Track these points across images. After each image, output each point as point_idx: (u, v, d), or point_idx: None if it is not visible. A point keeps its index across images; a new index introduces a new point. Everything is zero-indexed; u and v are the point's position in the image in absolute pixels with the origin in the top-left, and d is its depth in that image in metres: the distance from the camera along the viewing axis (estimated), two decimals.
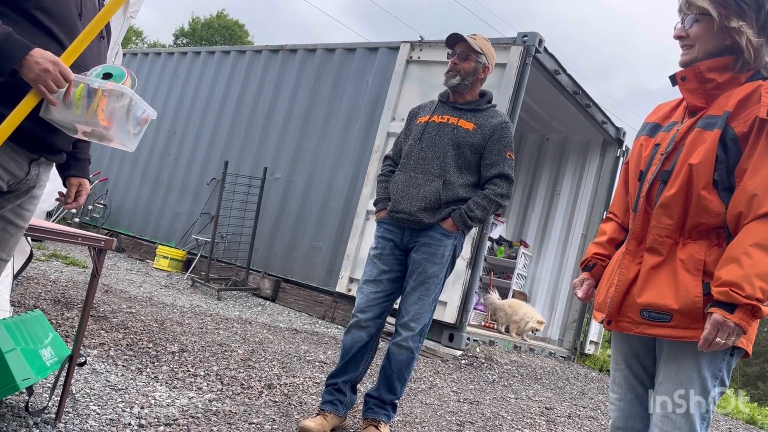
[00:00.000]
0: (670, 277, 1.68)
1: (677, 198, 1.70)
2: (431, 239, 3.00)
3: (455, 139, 3.02)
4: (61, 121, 1.63)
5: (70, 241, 2.32)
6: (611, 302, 1.79)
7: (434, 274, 3.00)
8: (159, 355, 3.73)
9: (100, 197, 9.79)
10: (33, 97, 1.57)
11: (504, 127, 3.07)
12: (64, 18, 1.70)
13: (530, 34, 6.15)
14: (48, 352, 2.36)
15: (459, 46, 3.12)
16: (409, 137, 3.19)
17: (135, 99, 1.68)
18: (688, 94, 1.78)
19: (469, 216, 2.99)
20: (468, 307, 5.96)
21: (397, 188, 3.09)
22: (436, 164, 3.02)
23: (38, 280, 5.27)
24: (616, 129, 8.60)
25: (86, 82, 1.61)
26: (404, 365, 3.02)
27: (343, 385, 3.06)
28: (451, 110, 3.11)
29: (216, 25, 37.34)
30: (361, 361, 3.10)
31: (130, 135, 1.72)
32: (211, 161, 8.71)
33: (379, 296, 3.06)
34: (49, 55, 1.55)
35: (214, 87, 9.13)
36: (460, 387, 4.80)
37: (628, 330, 1.76)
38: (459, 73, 3.07)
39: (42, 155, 1.77)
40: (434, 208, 2.99)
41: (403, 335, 2.99)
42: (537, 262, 9.27)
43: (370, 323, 3.06)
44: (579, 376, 6.79)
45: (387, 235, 3.12)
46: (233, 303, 6.64)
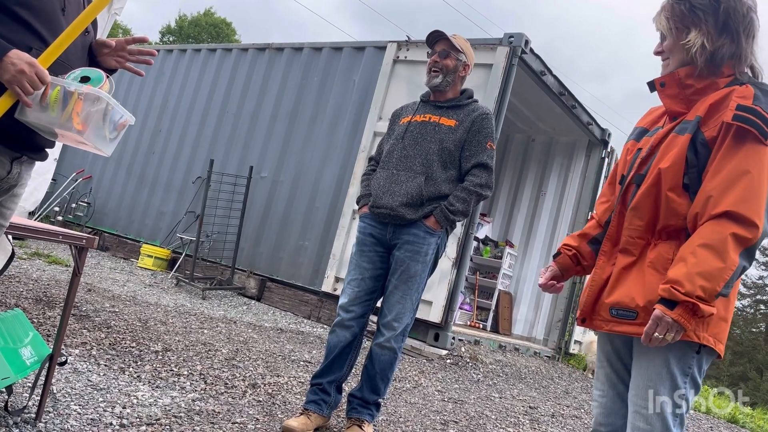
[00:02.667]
0: (639, 277, 1.73)
1: (647, 200, 1.74)
2: (415, 237, 2.98)
3: (437, 136, 3.03)
4: (36, 123, 1.61)
5: (51, 239, 2.30)
6: (585, 301, 1.85)
7: (417, 273, 2.99)
8: (142, 354, 3.71)
9: (83, 195, 9.70)
10: (8, 98, 1.55)
11: (484, 118, 3.07)
12: (46, 13, 1.68)
13: (516, 35, 6.18)
14: (28, 351, 2.33)
15: (439, 45, 3.13)
16: (391, 137, 3.20)
17: (112, 103, 1.66)
18: (668, 99, 1.82)
19: (450, 210, 2.98)
20: (453, 306, 5.97)
21: (378, 184, 3.09)
22: (419, 161, 3.02)
23: (20, 278, 5.21)
24: (602, 130, 8.66)
25: (63, 84, 1.59)
26: (387, 365, 3.02)
27: (327, 385, 3.05)
28: (433, 109, 3.13)
29: (203, 23, 37.15)
30: (345, 361, 3.09)
31: (105, 140, 1.70)
32: (197, 160, 8.66)
33: (362, 294, 3.06)
34: (25, 57, 1.53)
35: (199, 85, 9.08)
36: (444, 386, 4.81)
37: (600, 328, 1.82)
38: (441, 72, 3.08)
39: (24, 154, 1.75)
40: (416, 204, 2.98)
41: (386, 335, 2.99)
42: (522, 262, 9.31)
43: (354, 322, 3.06)
44: (563, 376, 6.83)
45: (368, 230, 3.11)
46: (218, 302, 6.60)
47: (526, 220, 9.50)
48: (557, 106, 7.76)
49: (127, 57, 1.91)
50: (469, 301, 8.84)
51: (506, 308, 8.92)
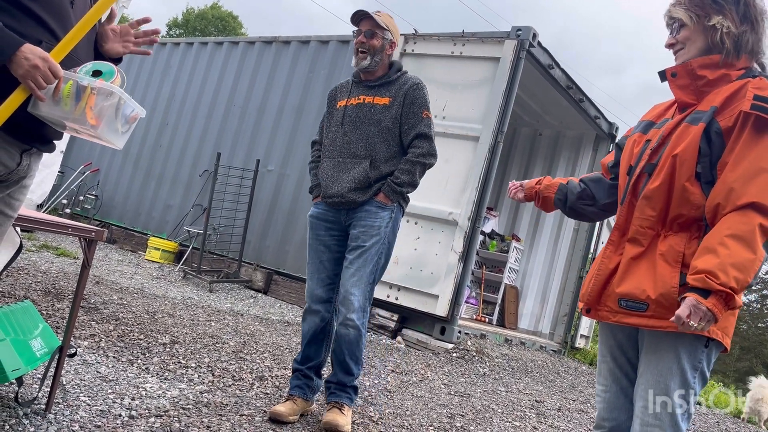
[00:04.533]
0: (650, 268, 1.72)
1: (661, 189, 1.74)
2: (366, 213, 3.01)
3: (374, 117, 3.04)
4: (49, 116, 1.62)
5: (60, 231, 2.31)
6: (590, 291, 1.84)
7: (371, 246, 2.98)
8: (150, 346, 3.73)
9: (91, 188, 9.74)
10: (22, 92, 1.56)
11: (416, 88, 3.07)
12: (56, 7, 1.68)
13: (524, 28, 6.15)
14: (38, 343, 2.35)
15: (364, 24, 3.10)
16: (331, 122, 3.20)
17: (124, 98, 1.67)
18: (678, 90, 1.83)
19: (396, 183, 3.00)
20: (459, 300, 5.98)
21: (326, 174, 3.10)
22: (361, 146, 3.04)
23: (29, 270, 5.24)
24: (609, 124, 8.62)
25: (75, 79, 1.60)
26: (354, 343, 2.99)
27: (308, 371, 3.09)
28: (365, 89, 3.13)
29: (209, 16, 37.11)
30: (321, 346, 3.12)
31: (118, 133, 1.72)
32: (204, 153, 8.67)
33: (324, 278, 3.08)
34: (38, 51, 1.54)
35: (206, 78, 9.08)
36: (451, 380, 4.82)
37: (606, 318, 1.81)
38: (368, 52, 3.07)
39: (33, 146, 1.76)
40: (364, 187, 3.01)
41: (344, 312, 2.97)
42: (529, 256, 9.30)
43: (320, 306, 3.08)
44: (569, 370, 6.83)
45: (321, 215, 3.12)
46: (225, 295, 6.63)
47: (532, 215, 9.48)
48: (564, 100, 7.73)
49: (132, 41, 1.91)
50: (475, 295, 8.84)
51: (512, 302, 8.92)
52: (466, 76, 6.28)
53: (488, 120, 6.03)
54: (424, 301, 5.99)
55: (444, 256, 5.95)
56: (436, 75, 6.41)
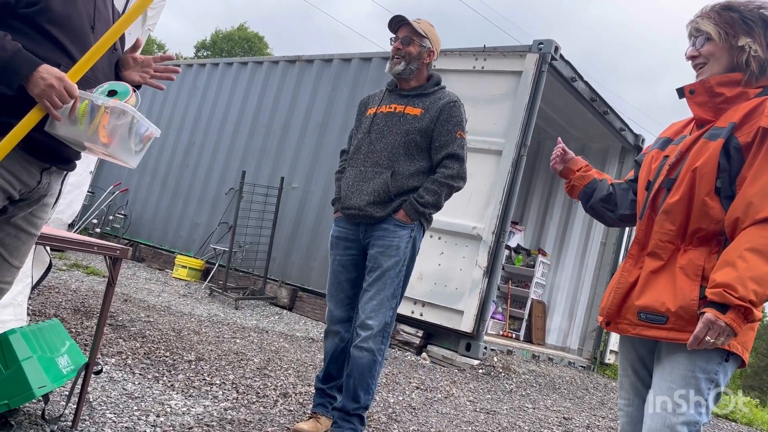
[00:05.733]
0: (669, 282, 1.73)
1: (680, 204, 1.75)
2: (385, 232, 2.89)
3: (403, 127, 2.91)
4: (66, 136, 1.65)
5: (86, 250, 2.36)
6: (610, 304, 1.84)
7: (390, 267, 2.86)
8: (175, 363, 3.76)
9: (120, 208, 9.92)
10: (38, 112, 1.60)
11: (452, 106, 2.94)
12: (76, 31, 1.72)
13: (546, 42, 6.13)
14: (65, 360, 2.39)
15: (402, 31, 3.00)
16: (359, 130, 3.09)
17: (137, 117, 1.69)
18: (697, 107, 1.84)
19: (419, 203, 2.86)
20: (485, 316, 5.92)
21: (347, 184, 3.00)
22: (385, 155, 2.91)
23: (59, 289, 5.35)
24: (635, 136, 8.52)
25: (90, 98, 1.63)
26: (366, 369, 2.83)
27: (329, 390, 3.04)
28: (398, 98, 3.01)
29: (236, 37, 37.82)
30: (343, 366, 3.03)
31: (131, 152, 1.74)
32: (229, 171, 8.79)
33: (342, 298, 3.01)
34: (55, 71, 1.58)
35: (232, 98, 9.23)
36: (476, 396, 4.76)
37: (626, 331, 1.81)
38: (403, 59, 2.96)
39: (53, 164, 1.81)
40: (384, 201, 2.88)
41: (362, 335, 2.83)
42: (556, 271, 9.19)
43: (339, 327, 3.01)
44: (599, 386, 6.70)
45: (341, 233, 3.03)
46: (251, 312, 6.67)
47: (558, 228, 9.38)
48: (589, 112, 7.67)
49: (151, 73, 1.96)
50: (502, 310, 8.75)
51: (539, 317, 8.80)
52: (488, 90, 6.28)
53: (511, 134, 6.01)
54: (449, 317, 5.95)
55: (468, 271, 5.91)
56: (458, 90, 6.35)
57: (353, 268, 3.01)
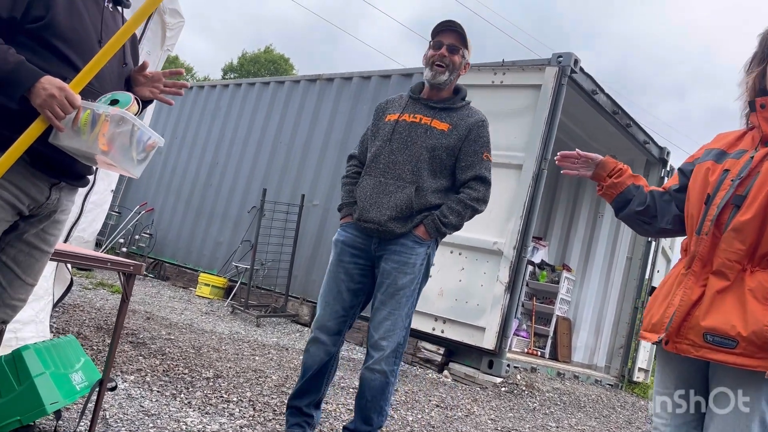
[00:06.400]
0: (737, 304, 1.65)
1: (752, 223, 1.67)
2: (402, 247, 2.76)
3: (429, 141, 2.78)
4: (69, 147, 1.65)
5: (99, 266, 2.38)
6: (672, 323, 1.74)
7: (405, 285, 2.75)
8: (194, 380, 3.76)
9: (146, 227, 10.07)
10: (41, 123, 1.61)
11: (481, 125, 2.84)
12: (82, 45, 1.75)
13: (565, 55, 6.09)
14: (79, 377, 2.40)
15: (448, 37, 2.85)
16: (377, 136, 2.92)
17: (137, 124, 1.68)
18: (765, 122, 1.79)
19: (442, 222, 2.77)
20: (507, 332, 5.83)
21: (365, 194, 2.82)
22: (408, 169, 2.77)
23: (83, 307, 5.42)
24: (660, 148, 8.39)
25: (92, 108, 1.64)
26: (378, 392, 2.72)
27: (307, 408, 2.87)
28: (424, 108, 2.86)
29: (262, 59, 38.46)
30: (322, 381, 2.89)
31: (133, 161, 1.73)
32: (252, 190, 8.87)
33: (338, 309, 2.83)
34: (56, 82, 1.59)
35: (254, 117, 9.34)
36: (498, 415, 4.67)
37: (687, 352, 1.71)
38: (447, 68, 2.81)
39: (62, 180, 1.82)
40: (406, 217, 2.76)
41: (375, 357, 2.71)
42: (581, 287, 9.04)
43: (328, 339, 2.83)
44: (626, 405, 6.53)
45: (350, 241, 2.86)
46: (272, 329, 6.67)
47: (583, 243, 9.24)
48: (611, 125, 7.58)
49: (160, 88, 1.97)
50: (526, 327, 8.62)
51: (565, 334, 8.65)
52: (507, 104, 6.25)
53: (531, 148, 5.95)
54: (470, 334, 5.87)
55: (489, 287, 5.84)
56: (477, 104, 6.34)
57: (358, 277, 2.86)
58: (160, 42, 3.97)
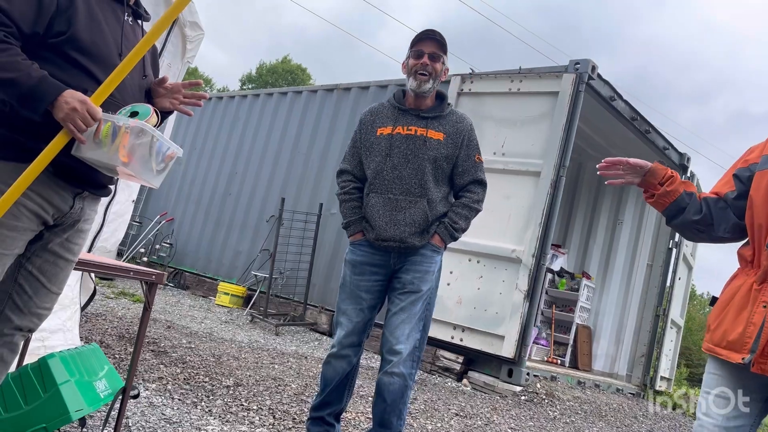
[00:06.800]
0: None
1: None
2: (422, 257, 2.84)
3: (429, 153, 2.83)
4: (92, 158, 1.69)
5: (122, 275, 2.42)
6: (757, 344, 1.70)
7: (424, 293, 2.83)
8: (214, 389, 3.79)
9: (166, 237, 10.18)
10: (64, 136, 1.64)
11: (471, 130, 2.94)
12: (103, 59, 1.78)
13: (582, 61, 6.07)
14: (102, 384, 2.44)
15: (428, 46, 2.88)
16: (372, 151, 2.93)
17: (156, 136, 1.72)
18: None
19: (454, 228, 2.86)
20: (527, 341, 5.80)
21: (377, 213, 2.85)
22: (415, 182, 2.82)
23: (106, 316, 5.49)
24: (679, 155, 8.30)
25: (113, 120, 1.68)
26: (398, 395, 2.73)
27: (328, 417, 2.92)
28: (416, 119, 2.89)
29: (280, 69, 38.79)
30: (344, 392, 2.94)
31: (153, 172, 1.76)
32: (270, 199, 8.93)
33: (360, 325, 2.88)
34: (78, 95, 1.63)
35: (272, 127, 9.42)
36: (518, 424, 4.64)
37: None
38: (431, 76, 2.85)
39: (85, 189, 1.86)
40: (422, 230, 2.83)
41: (393, 360, 2.73)
42: (601, 294, 8.96)
43: (350, 352, 2.88)
44: (648, 414, 6.45)
45: (367, 259, 2.89)
46: (291, 338, 6.70)
47: (602, 251, 9.17)
48: (630, 132, 7.52)
49: (180, 99, 2.01)
50: (546, 335, 8.56)
51: (585, 343, 8.56)
52: (524, 111, 6.24)
53: (549, 155, 5.94)
54: (489, 342, 5.84)
55: (508, 295, 5.82)
56: (495, 112, 6.40)
57: (377, 294, 2.91)
58: (180, 54, 4.03)
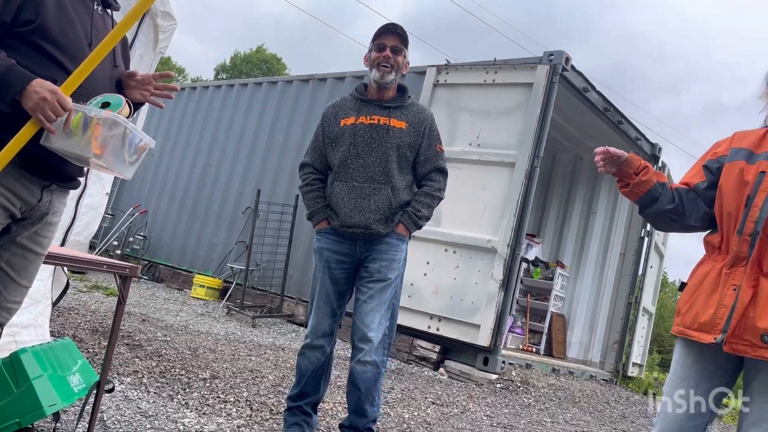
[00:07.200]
0: None
1: None
2: (388, 246, 2.89)
3: (393, 140, 2.89)
4: (61, 149, 1.67)
5: (95, 268, 2.39)
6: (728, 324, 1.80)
7: (392, 280, 2.88)
8: (190, 381, 3.78)
9: (139, 229, 10.05)
10: (32, 126, 1.61)
11: (432, 120, 3.02)
12: (73, 48, 1.75)
13: (556, 53, 6.13)
14: (76, 379, 2.41)
15: (390, 39, 2.95)
16: (337, 142, 2.96)
17: (129, 127, 1.70)
18: None
19: (418, 217, 2.92)
20: (502, 329, 5.87)
21: (342, 201, 2.89)
22: (379, 170, 2.88)
23: (78, 310, 5.42)
24: (651, 145, 8.44)
25: (83, 110, 1.65)
26: (371, 383, 2.79)
27: (305, 407, 2.95)
28: (378, 109, 2.95)
29: (254, 59, 38.38)
30: (320, 382, 2.98)
31: (125, 163, 1.75)
32: (246, 190, 8.87)
33: (329, 314, 2.93)
34: (48, 85, 1.60)
35: (247, 118, 9.35)
36: (494, 411, 4.71)
37: (744, 353, 1.78)
38: (393, 68, 2.92)
39: (54, 182, 1.83)
40: (387, 218, 2.88)
41: (365, 349, 2.77)
42: (575, 283, 9.10)
43: (323, 342, 2.92)
44: (620, 400, 6.58)
45: (334, 248, 2.93)
46: (267, 330, 6.68)
47: (576, 240, 9.30)
48: (603, 123, 7.62)
49: (151, 91, 1.99)
50: (521, 324, 8.67)
51: (560, 331, 8.70)
52: (499, 102, 6.29)
53: (524, 146, 5.99)
54: (465, 331, 5.90)
55: (484, 284, 5.88)
56: (470, 104, 6.44)
57: (344, 282, 2.95)
58: (152, 45, 3.97)
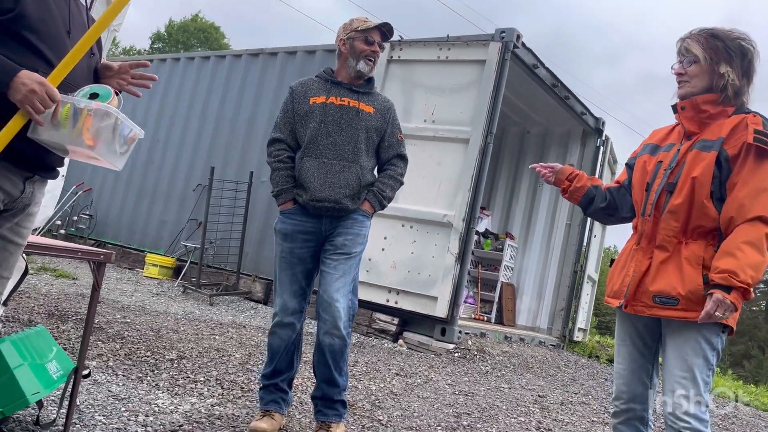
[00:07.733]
0: (677, 270, 2.08)
1: (683, 206, 2.09)
2: (354, 221, 2.99)
3: (362, 123, 3.03)
4: (50, 141, 1.65)
5: (70, 256, 2.37)
6: (628, 290, 2.18)
7: (356, 253, 2.98)
8: (158, 363, 3.78)
9: (84, 208, 9.75)
10: (20, 118, 1.59)
11: (394, 109, 3.21)
12: (52, 37, 1.72)
13: (508, 30, 6.25)
14: (54, 366, 2.41)
15: (379, 36, 3.14)
16: (308, 119, 3.02)
17: (120, 118, 1.70)
18: (686, 121, 2.19)
19: (383, 196, 3.07)
20: (458, 301, 6.06)
21: (313, 176, 2.94)
22: (349, 149, 2.98)
23: (30, 294, 5.28)
24: (596, 119, 8.74)
25: (72, 102, 1.64)
26: (339, 354, 2.87)
27: (281, 383, 3.01)
28: (348, 92, 3.07)
29: (191, 28, 37.07)
30: (293, 358, 3.06)
31: (116, 154, 1.74)
32: (196, 167, 8.71)
33: (297, 291, 3.00)
34: (35, 76, 1.58)
35: (195, 92, 9.13)
36: (454, 380, 4.90)
37: (642, 312, 2.15)
38: (374, 62, 3.12)
39: (36, 173, 1.81)
40: (355, 194, 2.99)
41: (331, 323, 2.83)
42: (523, 253, 9.40)
43: (294, 319, 2.99)
44: (569, 363, 6.93)
45: (299, 227, 2.98)
46: (226, 308, 6.68)
47: (524, 212, 9.59)
48: (551, 98, 7.85)
49: (128, 80, 1.98)
50: (473, 294, 8.92)
51: (509, 299, 9.01)
52: (453, 79, 6.38)
53: (477, 122, 6.12)
54: (423, 304, 6.07)
55: (441, 258, 6.03)
56: (424, 80, 6.51)
57: (310, 260, 3.01)
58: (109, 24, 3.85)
